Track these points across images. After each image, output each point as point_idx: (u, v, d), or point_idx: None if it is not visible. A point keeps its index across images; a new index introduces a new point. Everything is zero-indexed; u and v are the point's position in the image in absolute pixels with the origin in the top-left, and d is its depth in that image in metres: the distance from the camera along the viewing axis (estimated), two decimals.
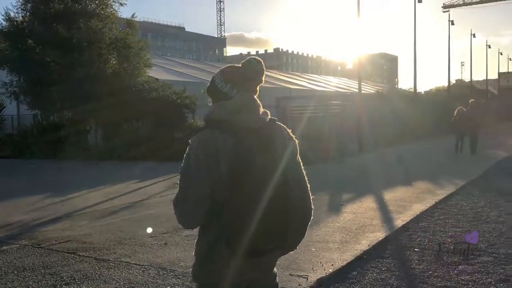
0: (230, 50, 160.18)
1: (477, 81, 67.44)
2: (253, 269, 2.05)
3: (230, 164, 1.92)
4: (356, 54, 24.62)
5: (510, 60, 66.06)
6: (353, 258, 5.20)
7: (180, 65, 32.20)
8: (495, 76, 61.47)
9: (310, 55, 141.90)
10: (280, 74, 40.00)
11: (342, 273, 4.79)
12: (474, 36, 46.39)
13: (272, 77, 35.43)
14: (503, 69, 64.65)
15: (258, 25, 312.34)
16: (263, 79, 2.08)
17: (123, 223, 7.16)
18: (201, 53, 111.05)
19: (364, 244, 5.73)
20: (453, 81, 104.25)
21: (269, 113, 2.09)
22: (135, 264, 5.17)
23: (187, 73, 27.89)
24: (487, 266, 4.82)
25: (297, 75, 42.99)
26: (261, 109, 2.06)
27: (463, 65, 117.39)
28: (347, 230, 6.42)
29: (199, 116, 19.30)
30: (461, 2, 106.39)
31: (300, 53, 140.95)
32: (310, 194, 2.17)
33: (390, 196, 8.82)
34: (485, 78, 54.17)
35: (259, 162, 1.95)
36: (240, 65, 2.11)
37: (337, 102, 18.73)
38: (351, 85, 45.33)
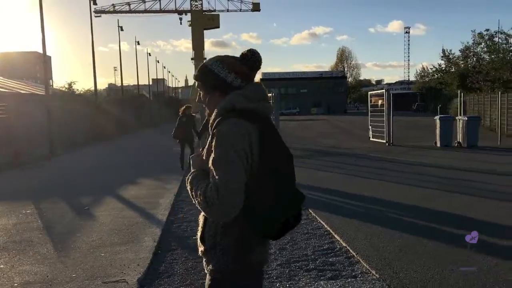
0: None
1: (132, 86, 72.72)
2: (267, 251, 2.14)
3: (260, 151, 1.95)
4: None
5: (165, 68, 73.65)
6: (151, 255, 5.23)
7: None
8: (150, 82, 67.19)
9: None
10: None
11: (152, 270, 4.79)
12: (139, 44, 49.66)
13: None
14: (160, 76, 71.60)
15: None
16: None
17: None
18: None
19: (149, 240, 5.79)
20: (105, 84, 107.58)
21: None
22: None
23: None
24: None
25: None
26: None
27: (115, 70, 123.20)
28: (118, 231, 6.27)
29: None
30: (112, 10, 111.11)
31: None
32: None
33: (129, 194, 8.92)
34: (145, 83, 58.75)
35: (281, 148, 2.06)
36: (237, 56, 2.13)
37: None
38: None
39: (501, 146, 16.45)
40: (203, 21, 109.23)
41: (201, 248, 2.09)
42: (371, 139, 19.45)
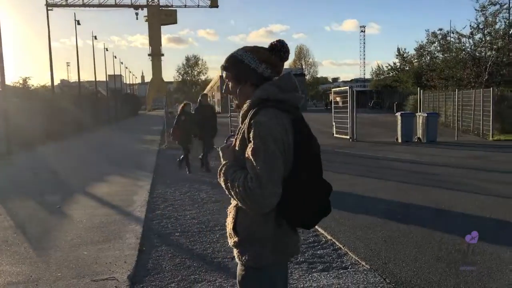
0: None
1: (87, 82, 70.79)
2: (300, 241, 2.16)
3: (295, 141, 1.96)
4: None
5: (122, 64, 71.76)
6: (137, 252, 5.13)
7: None
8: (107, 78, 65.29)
9: None
10: None
11: (141, 267, 4.71)
12: (96, 38, 48.30)
13: None
14: (116, 72, 69.59)
15: None
16: None
17: None
18: None
19: (131, 238, 5.68)
20: (57, 80, 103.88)
21: None
22: None
23: None
24: None
25: None
26: None
27: (68, 65, 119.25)
28: (97, 228, 6.11)
29: None
30: (64, 3, 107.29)
31: None
32: None
33: (101, 192, 8.69)
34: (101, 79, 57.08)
35: (312, 139, 2.07)
36: (265, 47, 2.12)
37: None
38: None
39: (458, 141, 17.15)
40: (160, 17, 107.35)
41: (234, 239, 2.06)
42: (335, 135, 19.81)
